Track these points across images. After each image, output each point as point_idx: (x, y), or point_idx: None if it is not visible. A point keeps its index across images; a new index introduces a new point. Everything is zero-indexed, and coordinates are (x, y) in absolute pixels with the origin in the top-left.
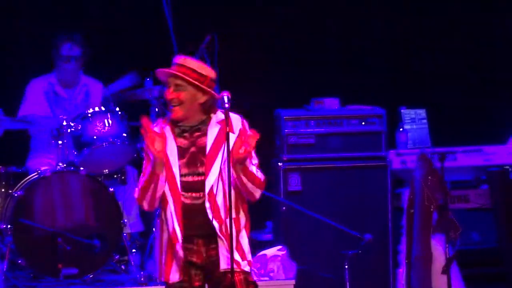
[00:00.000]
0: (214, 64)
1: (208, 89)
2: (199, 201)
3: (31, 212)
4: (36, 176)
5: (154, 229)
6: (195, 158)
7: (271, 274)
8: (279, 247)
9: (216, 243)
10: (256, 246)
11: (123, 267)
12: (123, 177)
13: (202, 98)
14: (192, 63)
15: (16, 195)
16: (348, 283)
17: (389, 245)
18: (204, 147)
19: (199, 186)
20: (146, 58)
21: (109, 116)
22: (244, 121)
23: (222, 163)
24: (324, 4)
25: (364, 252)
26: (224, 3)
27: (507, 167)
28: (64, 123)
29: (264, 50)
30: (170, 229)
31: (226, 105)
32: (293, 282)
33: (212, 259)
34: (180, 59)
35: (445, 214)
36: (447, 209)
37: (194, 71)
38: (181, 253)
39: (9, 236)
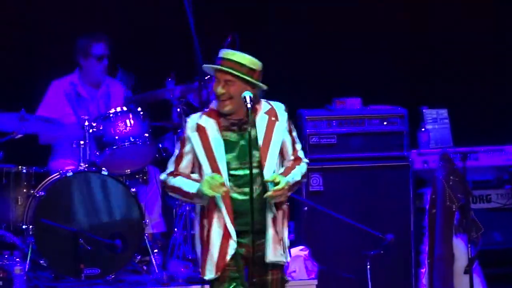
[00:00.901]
0: None
1: (258, 83)
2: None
3: (53, 213)
4: (57, 176)
5: (176, 229)
6: (245, 151)
7: (293, 274)
8: (301, 247)
9: (263, 239)
10: None
11: (145, 267)
12: (145, 177)
13: (251, 91)
14: (241, 57)
15: (38, 195)
16: (370, 283)
17: (411, 245)
18: (255, 139)
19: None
20: (167, 58)
21: (130, 116)
22: (286, 107)
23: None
24: (345, 3)
25: (386, 252)
26: (245, 2)
27: None
28: (86, 123)
29: (286, 49)
30: (222, 225)
31: (248, 105)
32: (315, 282)
33: (258, 254)
34: (228, 53)
35: (467, 214)
36: (469, 209)
37: (243, 65)
38: (232, 248)
39: (31, 236)
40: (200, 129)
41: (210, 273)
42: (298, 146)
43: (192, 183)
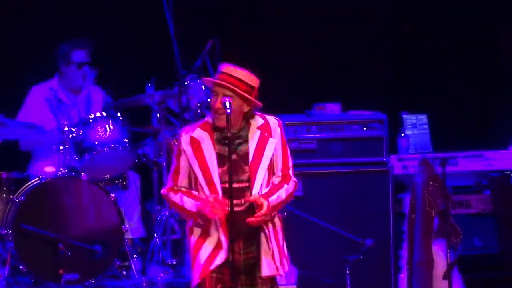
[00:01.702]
0: (216, 70)
1: (255, 100)
2: (240, 208)
3: (33, 218)
4: (37, 181)
5: (155, 234)
6: (236, 166)
7: None
8: None
9: (253, 247)
10: None
11: (124, 272)
12: (124, 183)
13: (247, 107)
14: (240, 73)
15: (17, 200)
16: None
17: (390, 250)
18: (246, 155)
19: (240, 193)
20: (147, 64)
21: (110, 122)
22: (281, 123)
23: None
24: (326, 10)
25: (365, 258)
26: (226, 8)
27: (508, 172)
28: (66, 128)
29: (266, 55)
30: (214, 234)
31: (228, 111)
32: (294, 287)
33: (249, 262)
34: (229, 69)
35: (447, 219)
36: (449, 214)
37: (243, 81)
38: (222, 258)
39: (10, 241)
40: (194, 142)
41: (195, 280)
42: (290, 163)
43: (193, 202)
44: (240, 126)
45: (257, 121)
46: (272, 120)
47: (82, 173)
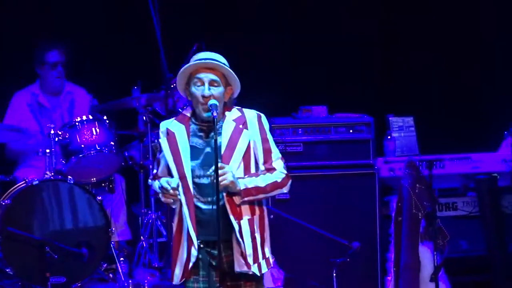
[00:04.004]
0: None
1: (237, 83)
2: (211, 206)
3: (19, 221)
4: (23, 184)
5: (142, 237)
6: (209, 159)
7: None
8: None
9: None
10: None
11: (111, 275)
12: (111, 186)
13: (227, 96)
14: (220, 57)
15: (3, 203)
16: None
17: (377, 253)
18: (220, 147)
19: (212, 190)
20: (133, 67)
21: (96, 125)
22: (261, 116)
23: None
24: (313, 13)
25: (352, 260)
26: (212, 11)
27: (495, 174)
28: (52, 131)
29: (252, 58)
30: (185, 232)
31: (214, 114)
32: None
33: (228, 264)
34: (208, 53)
35: (433, 221)
36: (435, 216)
37: (225, 64)
38: (193, 256)
39: None
40: (170, 134)
41: (176, 278)
42: (275, 156)
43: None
44: (213, 120)
45: (234, 113)
46: (250, 113)
47: (69, 176)
